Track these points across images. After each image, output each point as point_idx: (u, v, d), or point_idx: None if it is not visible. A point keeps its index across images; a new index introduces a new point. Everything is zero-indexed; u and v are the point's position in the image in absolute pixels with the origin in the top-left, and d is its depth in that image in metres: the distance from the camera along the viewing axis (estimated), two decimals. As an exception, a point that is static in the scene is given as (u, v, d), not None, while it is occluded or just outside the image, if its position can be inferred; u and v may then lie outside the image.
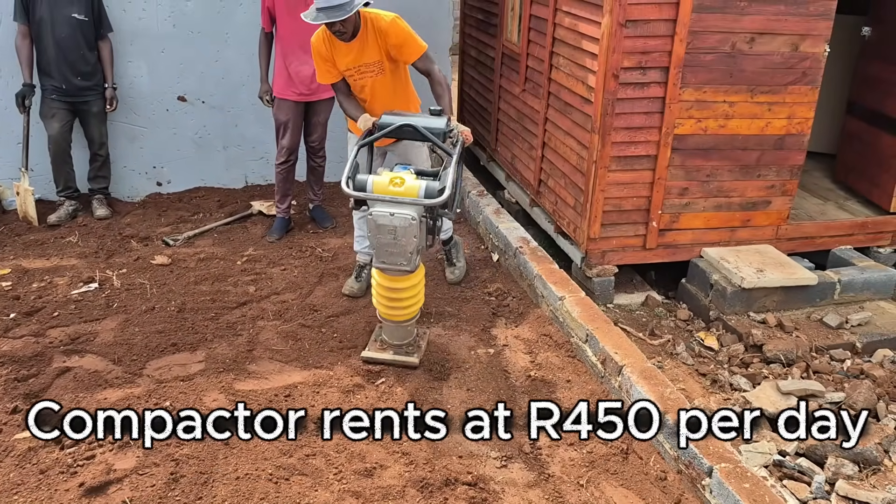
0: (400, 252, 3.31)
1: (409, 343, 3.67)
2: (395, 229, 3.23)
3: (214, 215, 5.54)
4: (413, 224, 3.24)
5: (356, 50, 3.77)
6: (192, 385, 3.45)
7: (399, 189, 3.23)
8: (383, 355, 3.62)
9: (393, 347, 3.64)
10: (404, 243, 3.27)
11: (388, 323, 3.61)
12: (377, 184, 3.26)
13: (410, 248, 3.29)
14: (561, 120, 4.90)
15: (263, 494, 2.80)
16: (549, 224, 5.28)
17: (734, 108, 4.45)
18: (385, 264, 3.38)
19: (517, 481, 2.95)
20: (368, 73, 3.87)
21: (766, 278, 4.39)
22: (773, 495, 2.63)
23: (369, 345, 3.70)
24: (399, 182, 3.24)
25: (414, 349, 3.65)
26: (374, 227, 3.27)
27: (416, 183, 3.26)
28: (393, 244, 3.27)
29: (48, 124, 5.15)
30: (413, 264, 3.37)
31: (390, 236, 3.25)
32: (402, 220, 3.24)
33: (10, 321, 3.95)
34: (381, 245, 3.30)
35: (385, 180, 3.24)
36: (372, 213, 3.25)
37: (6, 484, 2.81)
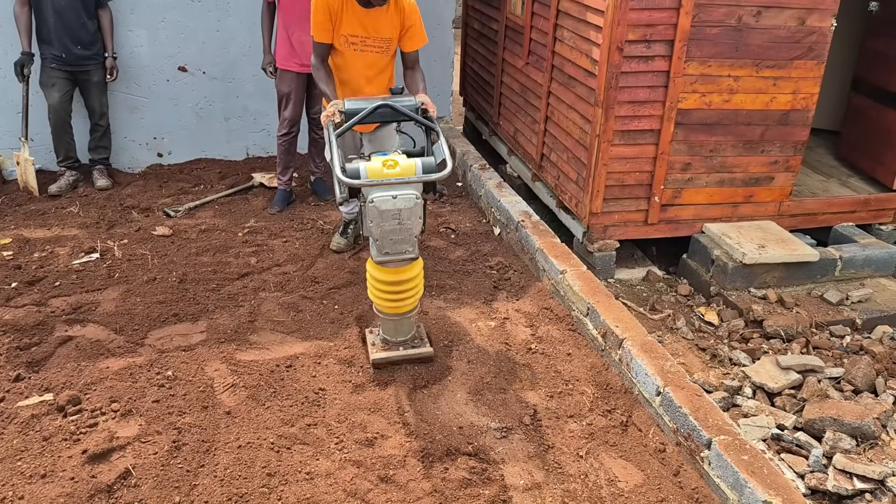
0: (405, 238, 3.12)
1: (414, 335, 3.50)
2: (399, 212, 3.05)
3: (216, 187, 5.52)
4: (419, 203, 3.08)
5: (373, 19, 3.58)
6: (194, 355, 3.46)
7: (395, 170, 3.04)
8: (394, 354, 3.42)
9: (400, 344, 3.46)
10: (410, 226, 3.10)
11: (393, 318, 3.39)
12: (371, 169, 3.03)
13: (416, 230, 3.13)
14: (564, 93, 4.87)
15: (265, 462, 2.82)
16: (551, 198, 5.27)
17: (739, 83, 4.42)
18: (389, 256, 3.17)
19: (517, 452, 2.97)
20: (372, 49, 3.68)
21: (767, 254, 4.39)
22: (772, 467, 2.65)
23: (371, 350, 3.45)
24: (393, 164, 3.05)
25: (420, 340, 3.51)
26: (376, 214, 3.04)
27: (410, 162, 3.09)
28: (398, 230, 3.09)
29: (48, 93, 5.12)
30: (417, 249, 3.22)
31: (395, 221, 3.07)
32: (407, 200, 3.04)
33: (12, 290, 3.95)
34: (385, 234, 3.09)
35: (377, 165, 3.04)
36: (373, 200, 3.03)
37: (10, 450, 2.83)
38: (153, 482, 2.71)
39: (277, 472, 2.79)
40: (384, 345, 3.46)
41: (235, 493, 2.68)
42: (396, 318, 3.39)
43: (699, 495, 2.77)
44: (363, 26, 3.58)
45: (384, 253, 3.15)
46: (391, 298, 3.30)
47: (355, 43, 3.64)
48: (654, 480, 2.85)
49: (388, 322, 3.42)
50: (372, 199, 3.02)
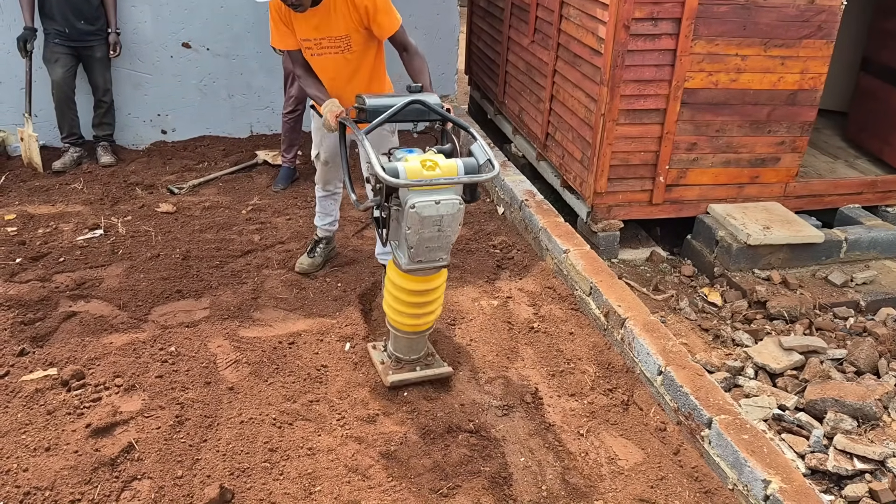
0: (442, 245, 2.84)
1: (427, 353, 3.24)
2: (441, 219, 2.74)
3: (219, 164, 5.52)
4: (461, 209, 2.79)
5: (318, 19, 3.17)
6: (197, 331, 3.47)
7: (436, 172, 2.73)
8: (412, 375, 3.14)
9: (415, 363, 3.19)
10: (449, 233, 2.81)
11: (410, 336, 3.10)
12: (411, 170, 2.70)
13: (454, 237, 2.86)
14: (570, 72, 4.83)
15: (267, 438, 2.84)
16: (556, 178, 5.25)
17: (746, 62, 4.38)
18: (421, 264, 2.85)
19: (518, 430, 2.99)
20: (330, 50, 3.28)
21: (772, 235, 4.37)
22: (772, 446, 2.65)
23: (382, 370, 3.17)
24: (432, 164, 2.73)
25: (432, 357, 3.25)
26: (416, 221, 2.71)
27: (451, 162, 2.78)
28: (437, 237, 2.79)
29: (51, 69, 5.10)
30: (449, 256, 2.94)
31: (435, 228, 2.76)
32: (450, 206, 2.74)
33: (17, 266, 3.97)
34: (422, 241, 2.77)
35: (416, 165, 2.72)
36: (414, 205, 2.68)
37: (14, 424, 2.85)
38: (156, 456, 2.73)
39: (279, 447, 2.81)
40: (397, 364, 3.19)
41: (237, 467, 2.70)
42: (415, 336, 3.11)
43: (699, 474, 2.78)
44: (313, 28, 3.22)
45: (417, 261, 2.84)
46: (412, 312, 2.99)
47: (310, 47, 3.29)
48: (655, 459, 2.86)
49: (403, 340, 3.13)
50: (413, 203, 2.69)
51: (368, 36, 3.29)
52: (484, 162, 2.81)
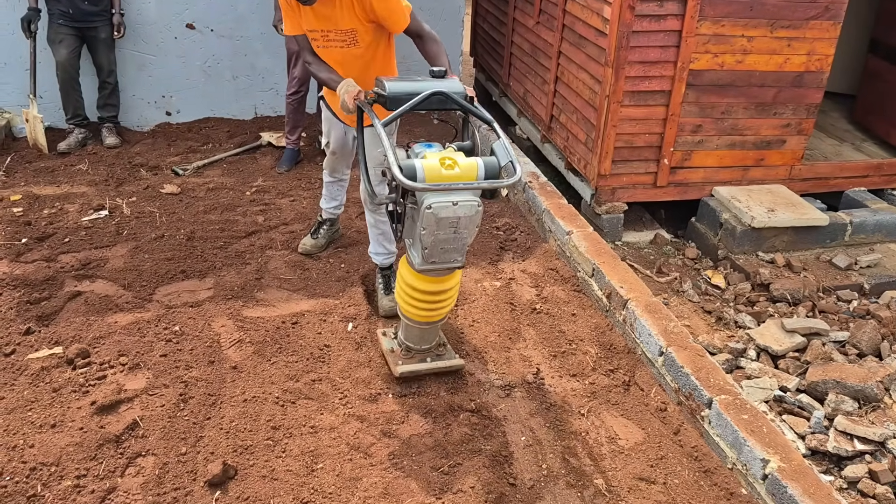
0: (457, 247, 2.74)
1: (438, 343, 3.17)
2: (457, 221, 2.63)
3: (224, 146, 5.52)
4: (479, 212, 2.67)
5: (325, 10, 3.03)
6: (201, 311, 3.49)
7: (455, 172, 2.60)
8: (423, 366, 3.07)
9: (426, 353, 3.12)
10: (465, 236, 2.70)
11: (423, 326, 3.02)
12: (429, 169, 2.58)
13: (470, 239, 2.75)
14: (575, 53, 4.81)
15: (270, 416, 2.86)
16: (560, 160, 5.24)
17: (753, 44, 4.35)
18: (435, 265, 2.76)
19: (519, 410, 3.00)
20: (336, 44, 3.14)
21: (776, 218, 4.36)
22: (771, 426, 2.66)
23: (391, 358, 3.12)
24: (451, 163, 2.61)
25: (443, 347, 3.18)
26: (432, 222, 2.60)
27: (470, 161, 2.65)
28: (452, 239, 2.69)
29: (55, 50, 5.10)
30: (464, 258, 2.83)
31: (451, 230, 2.66)
32: (468, 208, 2.62)
33: (22, 246, 3.99)
34: (437, 242, 2.68)
35: (435, 163, 2.59)
36: (431, 206, 2.58)
37: (20, 401, 2.88)
38: (160, 433, 2.75)
39: (282, 425, 2.83)
40: (407, 353, 3.12)
41: (241, 444, 2.72)
42: (427, 326, 3.03)
43: (698, 453, 2.80)
44: (319, 19, 3.08)
45: (430, 262, 2.75)
46: (427, 307, 2.91)
47: (316, 39, 3.16)
48: (655, 439, 2.87)
49: (415, 329, 3.05)
50: (430, 204, 2.58)
51: (376, 30, 3.13)
52: (506, 164, 2.66)
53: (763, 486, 2.54)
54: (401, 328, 3.13)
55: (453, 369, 3.13)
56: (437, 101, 2.74)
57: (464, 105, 2.77)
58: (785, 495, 2.43)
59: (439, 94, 2.71)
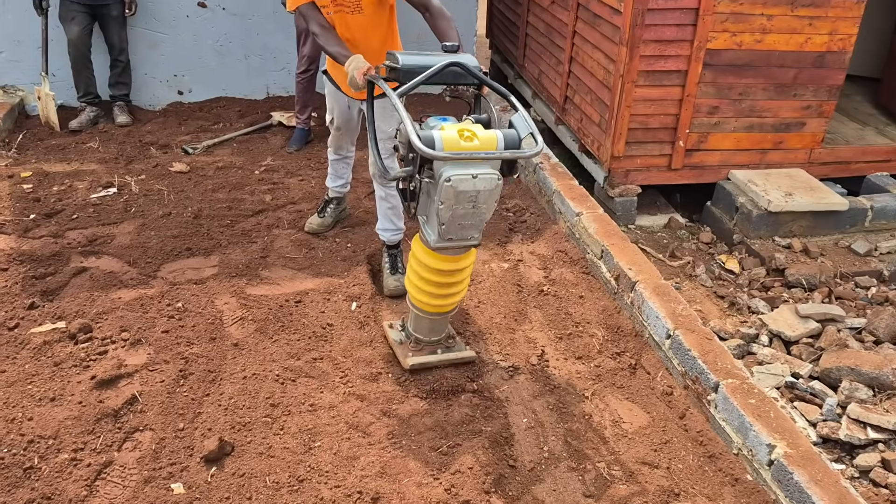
0: (475, 223, 2.65)
1: (448, 334, 3.09)
2: (477, 195, 2.55)
3: (234, 125, 5.49)
4: (499, 185, 2.58)
5: None
6: (205, 288, 3.47)
7: (475, 144, 2.51)
8: (433, 358, 3.00)
9: (436, 345, 3.04)
10: (484, 210, 2.62)
11: (433, 317, 2.95)
12: (448, 140, 2.49)
13: (489, 214, 2.67)
14: (589, 33, 4.71)
15: (269, 394, 2.84)
16: (574, 142, 5.15)
17: (772, 22, 4.23)
18: (452, 242, 2.67)
19: (522, 392, 2.95)
20: (344, 8, 3.09)
21: (794, 202, 4.26)
22: (779, 411, 2.59)
23: (400, 352, 3.04)
24: (470, 135, 2.52)
25: (453, 339, 3.10)
26: (451, 196, 2.52)
27: (490, 133, 2.56)
28: (471, 214, 2.60)
29: (67, 28, 5.09)
30: (481, 235, 2.75)
31: (469, 204, 2.57)
32: (488, 181, 2.53)
33: (31, 222, 3.99)
34: (455, 217, 2.59)
35: (453, 135, 2.51)
36: (450, 178, 2.49)
37: (21, 374, 2.87)
38: (159, 408, 2.74)
39: (281, 402, 2.80)
40: (416, 345, 3.04)
41: (239, 421, 2.70)
42: (437, 317, 2.96)
43: (704, 438, 2.73)
44: None
45: (447, 238, 2.66)
46: (438, 293, 2.83)
47: (325, 5, 3.10)
48: (660, 423, 2.81)
49: (425, 320, 2.98)
50: (449, 177, 2.49)
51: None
52: (526, 135, 2.59)
53: (769, 473, 2.47)
54: (410, 320, 3.05)
55: (464, 361, 3.05)
56: (453, 73, 2.67)
57: (481, 77, 2.69)
58: (791, 482, 2.36)
59: (455, 66, 2.64)
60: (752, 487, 2.53)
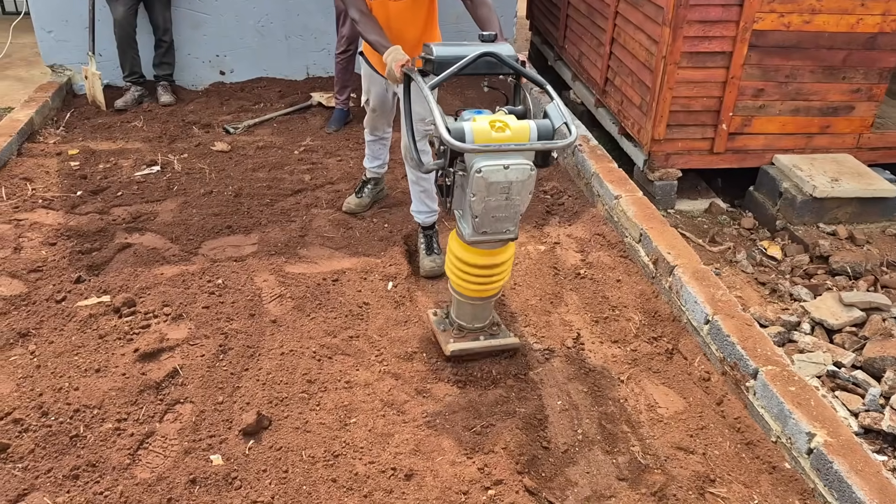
0: (509, 216, 2.60)
1: (492, 321, 3.04)
2: (510, 186, 2.50)
3: (275, 105, 5.55)
4: (532, 176, 2.53)
5: None
6: (245, 265, 3.53)
7: (506, 135, 2.48)
8: (475, 345, 2.94)
9: (478, 332, 2.99)
10: (518, 202, 2.57)
11: (475, 302, 2.90)
12: (478, 132, 2.47)
13: (523, 206, 2.61)
14: (632, 13, 4.63)
15: (306, 370, 2.88)
16: (614, 125, 5.09)
17: (822, 3, 4.11)
18: (486, 236, 2.63)
19: (556, 374, 2.95)
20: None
21: (840, 188, 4.16)
22: (819, 399, 2.55)
23: (442, 338, 2.99)
24: (502, 125, 2.49)
25: (497, 326, 3.05)
26: (482, 187, 2.48)
27: (522, 124, 2.52)
28: (504, 206, 2.56)
29: (114, 8, 5.17)
30: (518, 228, 2.70)
31: (502, 196, 2.53)
32: (520, 172, 2.49)
33: (77, 198, 4.09)
34: (488, 210, 2.55)
35: (484, 126, 2.48)
36: (481, 169, 2.45)
37: (68, 346, 2.96)
38: (199, 382, 2.80)
39: (317, 379, 2.84)
40: (459, 332, 2.99)
41: (276, 396, 2.74)
42: (479, 302, 2.91)
43: (741, 425, 2.70)
44: None
45: (481, 232, 2.62)
46: (478, 282, 2.79)
47: None
48: (696, 408, 2.79)
49: (467, 306, 2.93)
50: (480, 168, 2.46)
51: None
52: (560, 125, 2.54)
53: (808, 461, 2.44)
54: (452, 306, 3.01)
55: (508, 348, 2.99)
56: (487, 63, 2.62)
57: (515, 66, 2.64)
58: (830, 471, 2.32)
59: (489, 55, 2.59)
60: (790, 475, 2.50)
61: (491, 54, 2.59)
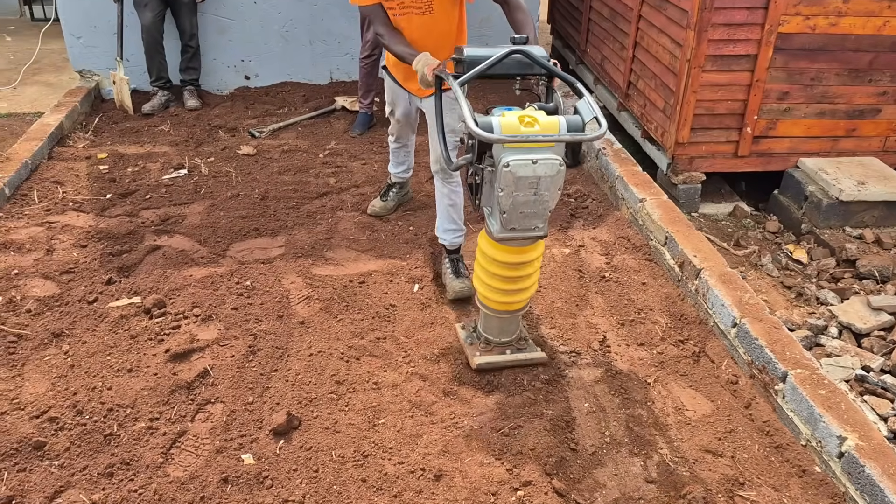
0: (538, 212, 2.59)
1: (519, 336, 3.03)
2: (538, 181, 2.49)
3: (299, 109, 5.60)
4: (562, 171, 2.52)
5: None
6: (272, 267, 3.57)
7: (535, 129, 2.46)
8: (501, 358, 2.95)
9: (505, 346, 2.99)
10: (547, 198, 2.55)
11: (502, 315, 2.91)
12: (506, 125, 2.46)
13: (552, 203, 2.60)
14: (655, 16, 4.64)
15: (334, 371, 2.91)
16: (637, 129, 5.09)
17: (848, 5, 4.09)
18: (515, 233, 2.63)
19: (583, 376, 2.95)
20: (413, 10, 3.02)
21: (867, 191, 4.13)
22: (850, 402, 2.54)
23: (469, 350, 3.00)
24: (531, 120, 2.47)
25: (524, 340, 3.04)
26: (510, 182, 2.48)
27: (552, 119, 2.49)
28: (532, 202, 2.55)
29: (141, 14, 5.25)
30: (547, 226, 2.69)
31: (531, 191, 2.52)
32: (549, 166, 2.48)
33: (107, 201, 4.15)
34: (516, 206, 2.54)
35: (513, 120, 2.47)
36: (508, 164, 2.45)
37: (101, 346, 3.01)
38: (229, 382, 2.83)
39: (346, 380, 2.87)
40: (486, 345, 3.00)
41: (305, 396, 2.77)
42: (506, 315, 2.92)
43: (770, 428, 2.69)
44: None
45: (510, 228, 2.62)
46: (506, 288, 2.79)
47: (392, 7, 3.04)
48: (724, 411, 2.78)
49: (494, 319, 2.94)
50: (507, 162, 2.45)
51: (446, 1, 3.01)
52: (590, 120, 2.50)
53: (838, 465, 2.43)
54: (480, 319, 3.02)
55: (535, 363, 2.98)
56: (518, 63, 2.61)
57: (545, 65, 2.62)
58: (862, 475, 2.31)
59: (518, 54, 2.57)
60: (820, 479, 2.49)
61: (521, 52, 2.57)
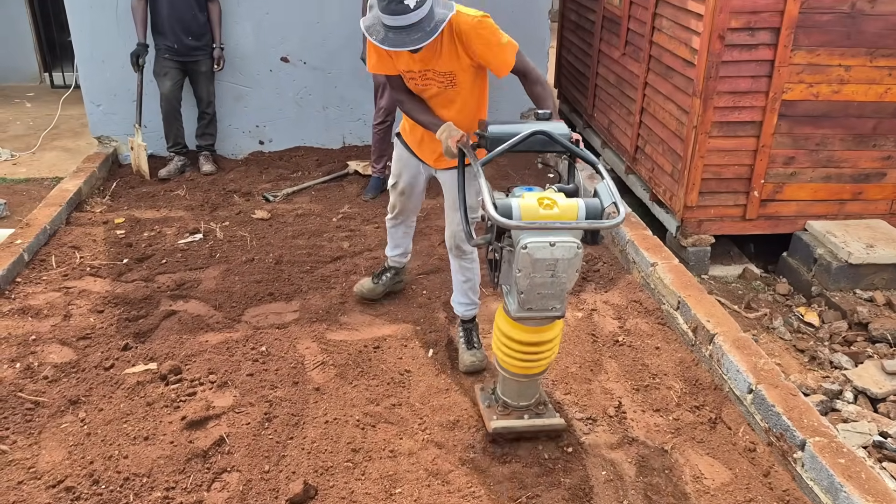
0: (556, 293, 2.59)
1: (539, 400, 2.99)
2: (555, 263, 2.50)
3: (312, 174, 5.70)
4: (579, 254, 2.51)
5: (424, 52, 2.89)
6: (287, 333, 3.59)
7: (554, 212, 2.48)
8: (519, 424, 2.89)
9: (523, 410, 2.94)
10: (564, 280, 2.55)
11: (520, 379, 2.87)
12: (526, 208, 2.49)
13: (570, 284, 2.59)
14: (661, 84, 4.76)
15: (350, 439, 2.90)
16: (645, 192, 5.16)
17: (850, 73, 4.20)
18: (532, 312, 2.63)
19: (600, 443, 2.94)
20: (434, 83, 3.02)
21: (875, 254, 4.17)
22: (870, 471, 2.52)
23: (486, 413, 2.96)
24: (550, 203, 2.50)
25: (544, 406, 2.99)
26: (528, 263, 2.49)
27: (571, 202, 2.52)
28: (550, 283, 2.55)
29: (160, 82, 5.40)
30: (565, 306, 2.68)
31: (548, 273, 2.52)
32: (567, 250, 2.48)
33: (123, 266, 4.21)
34: (533, 287, 2.55)
35: (532, 203, 2.50)
36: (527, 245, 2.47)
37: (117, 413, 3.02)
38: (245, 451, 2.83)
39: (362, 448, 2.86)
40: (504, 409, 2.95)
41: (321, 465, 2.77)
42: (525, 379, 2.88)
43: (790, 497, 2.67)
44: (417, 60, 2.95)
45: (527, 308, 2.62)
46: (524, 359, 2.77)
47: (414, 78, 3.03)
48: (743, 480, 2.76)
49: (512, 383, 2.90)
50: (526, 244, 2.47)
51: (476, 71, 3.02)
52: (609, 205, 2.52)
53: (861, 536, 2.40)
54: (498, 382, 2.99)
55: (553, 430, 2.92)
56: (540, 142, 2.65)
57: (567, 146, 2.67)
58: (886, 547, 2.29)
59: (541, 134, 2.63)
60: (842, 551, 2.46)
61: (543, 132, 2.62)
